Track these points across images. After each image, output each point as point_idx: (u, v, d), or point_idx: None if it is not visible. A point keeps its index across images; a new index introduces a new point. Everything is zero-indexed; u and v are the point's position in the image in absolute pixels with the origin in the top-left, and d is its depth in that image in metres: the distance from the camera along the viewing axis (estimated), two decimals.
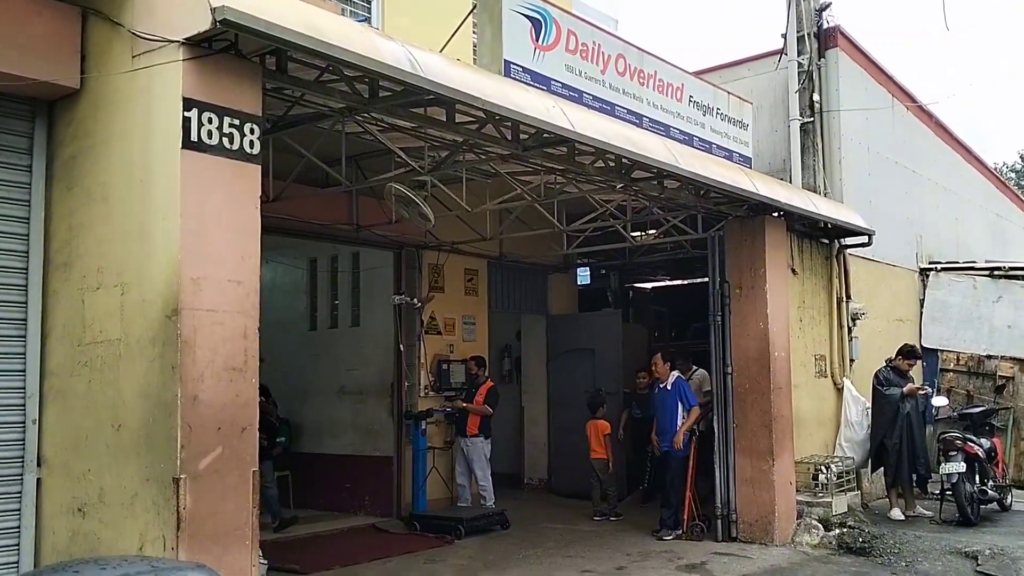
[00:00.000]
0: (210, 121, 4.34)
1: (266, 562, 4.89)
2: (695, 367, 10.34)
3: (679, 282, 16.12)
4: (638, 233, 11.26)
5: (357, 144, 7.92)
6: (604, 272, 15.50)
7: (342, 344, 11.50)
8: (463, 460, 10.71)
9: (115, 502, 4.55)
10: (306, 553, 8.90)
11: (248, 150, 4.50)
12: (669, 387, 9.47)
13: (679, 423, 9.28)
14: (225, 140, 4.40)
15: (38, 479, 5.02)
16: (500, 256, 11.94)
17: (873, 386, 10.07)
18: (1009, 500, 10.23)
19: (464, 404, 10.58)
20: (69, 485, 4.84)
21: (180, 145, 4.25)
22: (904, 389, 9.82)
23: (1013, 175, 34.53)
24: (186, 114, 4.31)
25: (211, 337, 4.35)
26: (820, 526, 8.82)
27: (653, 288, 17.13)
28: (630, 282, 16.51)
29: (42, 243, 5.05)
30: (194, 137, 4.28)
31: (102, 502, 4.62)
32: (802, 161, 10.41)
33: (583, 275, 15.14)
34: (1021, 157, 36.72)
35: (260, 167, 4.59)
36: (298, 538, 9.80)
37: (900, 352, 10.04)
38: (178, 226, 4.24)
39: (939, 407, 11.18)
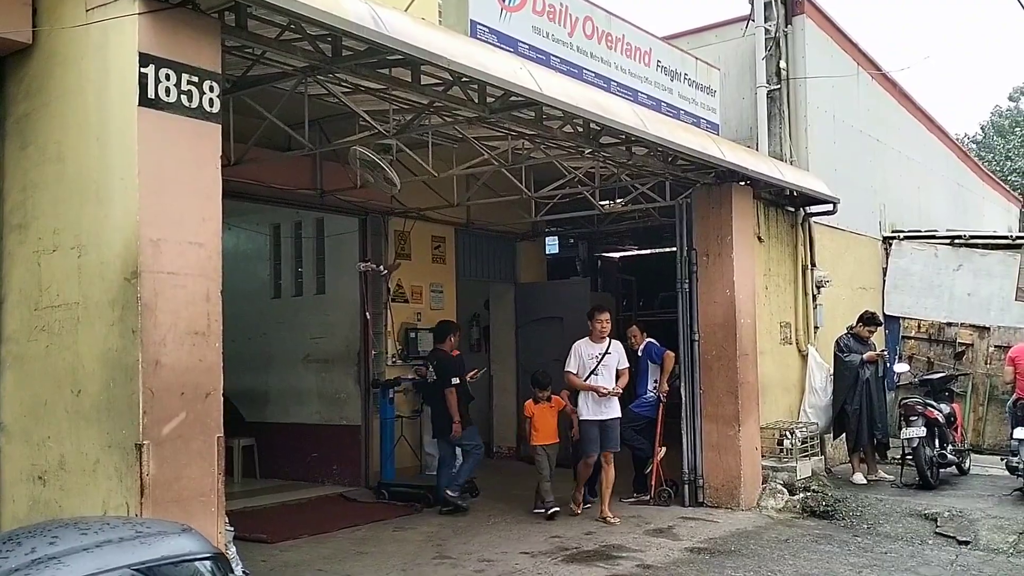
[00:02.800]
0: (167, 78, 4.21)
1: (232, 529, 4.82)
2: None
3: (648, 251, 16.18)
4: (607, 201, 11.23)
5: (321, 107, 7.76)
6: (573, 241, 15.50)
7: (307, 312, 11.37)
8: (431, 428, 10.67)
9: (76, 469, 4.45)
10: (273, 522, 8.83)
11: (207, 108, 4.38)
12: (640, 352, 9.57)
13: (649, 383, 9.40)
14: (183, 98, 4.27)
15: None
16: (468, 223, 11.85)
17: (834, 353, 10.18)
18: (967, 464, 10.44)
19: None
20: (28, 452, 4.73)
21: (136, 102, 4.12)
22: (864, 356, 9.93)
23: (974, 146, 34.96)
24: (142, 70, 4.17)
25: (172, 300, 4.26)
26: (785, 490, 8.94)
27: (622, 257, 17.18)
28: (599, 251, 16.54)
29: None
30: (151, 94, 4.15)
31: (63, 469, 4.53)
32: (769, 129, 10.42)
33: (551, 244, 15.13)
34: (982, 128, 37.16)
35: (220, 127, 4.47)
36: (265, 508, 9.72)
37: (861, 319, 10.15)
38: (136, 186, 4.12)
39: (900, 373, 11.36)
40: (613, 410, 8.51)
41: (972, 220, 17.46)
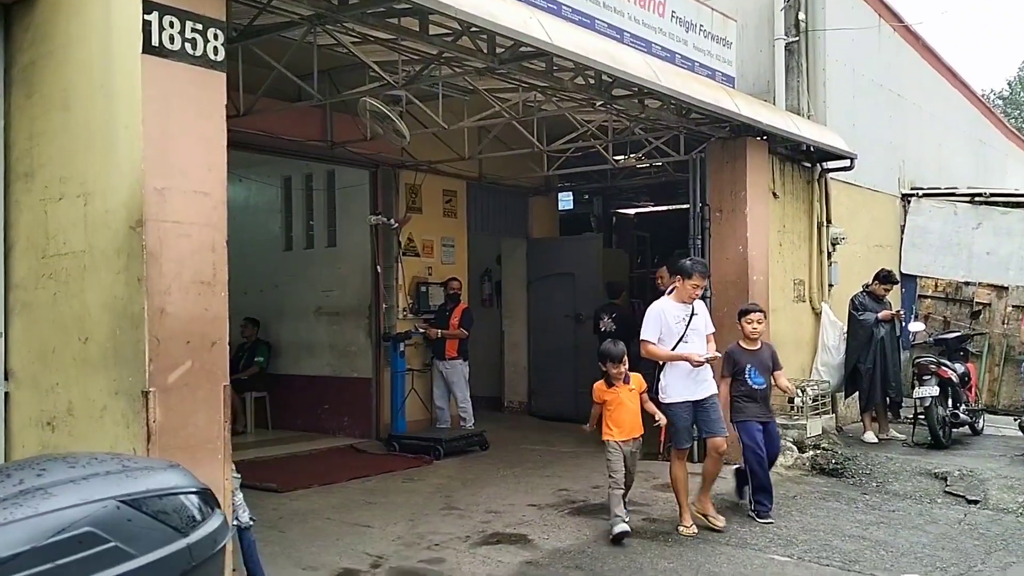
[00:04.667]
0: (172, 25, 4.16)
1: (239, 476, 4.86)
2: None
3: (663, 208, 16.03)
4: (620, 157, 11.10)
5: (330, 57, 7.68)
6: (588, 197, 15.38)
7: (318, 265, 11.40)
8: (441, 382, 10.74)
9: (84, 415, 4.49)
10: (284, 472, 8.93)
11: (212, 57, 4.32)
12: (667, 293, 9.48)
13: None
14: (188, 45, 4.22)
15: (5, 393, 4.95)
16: (479, 177, 11.79)
17: (849, 311, 10.10)
18: (981, 424, 10.39)
19: (440, 333, 10.54)
20: (37, 399, 4.77)
21: (140, 50, 4.08)
22: (879, 314, 9.85)
23: (1000, 102, 34.33)
24: (146, 17, 4.12)
25: (177, 249, 4.25)
26: (794, 448, 8.93)
27: (637, 214, 17.04)
28: (614, 208, 16.41)
29: (2, 152, 4.88)
30: (155, 42, 4.10)
31: (71, 415, 4.57)
32: (786, 82, 10.24)
33: (565, 200, 15.01)
34: (1009, 84, 36.47)
35: (225, 75, 4.42)
36: (276, 458, 9.84)
37: (876, 277, 10.05)
38: (140, 134, 4.09)
39: (915, 332, 11.27)
40: (708, 385, 6.76)
41: (995, 178, 17.18)
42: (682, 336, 6.67)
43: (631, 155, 11.10)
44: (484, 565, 5.81)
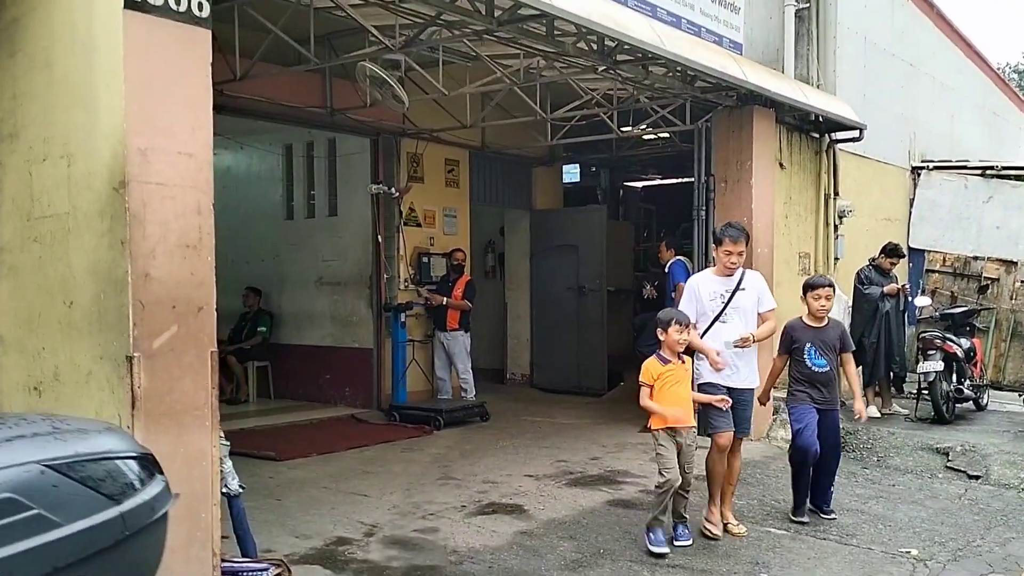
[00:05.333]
0: None
1: (228, 443, 4.79)
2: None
3: (670, 181, 15.87)
4: (628, 128, 10.93)
5: (330, 21, 7.56)
6: (595, 170, 15.23)
7: (319, 234, 11.31)
8: (443, 353, 10.69)
9: (70, 380, 4.42)
10: (284, 441, 8.93)
11: (197, 12, 4.20)
12: (667, 270, 9.50)
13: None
14: (171, 1, 4.09)
15: None
16: (482, 147, 11.64)
17: (854, 284, 9.97)
18: (985, 400, 10.28)
19: (445, 300, 10.48)
20: (24, 363, 4.70)
21: (122, 5, 3.94)
22: (884, 288, 9.73)
23: (1016, 76, 33.83)
24: None
25: (162, 212, 4.14)
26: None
27: (644, 187, 16.89)
28: (622, 181, 16.27)
29: None
30: None
31: (57, 380, 4.49)
32: (796, 50, 10.01)
33: (572, 172, 14.88)
34: None
35: (210, 32, 4.30)
36: (276, 427, 9.84)
37: (883, 251, 9.90)
38: (121, 93, 3.97)
39: (921, 307, 11.14)
40: (748, 373, 5.79)
41: (1009, 152, 16.93)
42: (718, 315, 5.67)
43: (639, 126, 10.92)
44: (478, 535, 5.77)
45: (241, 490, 4.85)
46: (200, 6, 4.20)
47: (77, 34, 4.23)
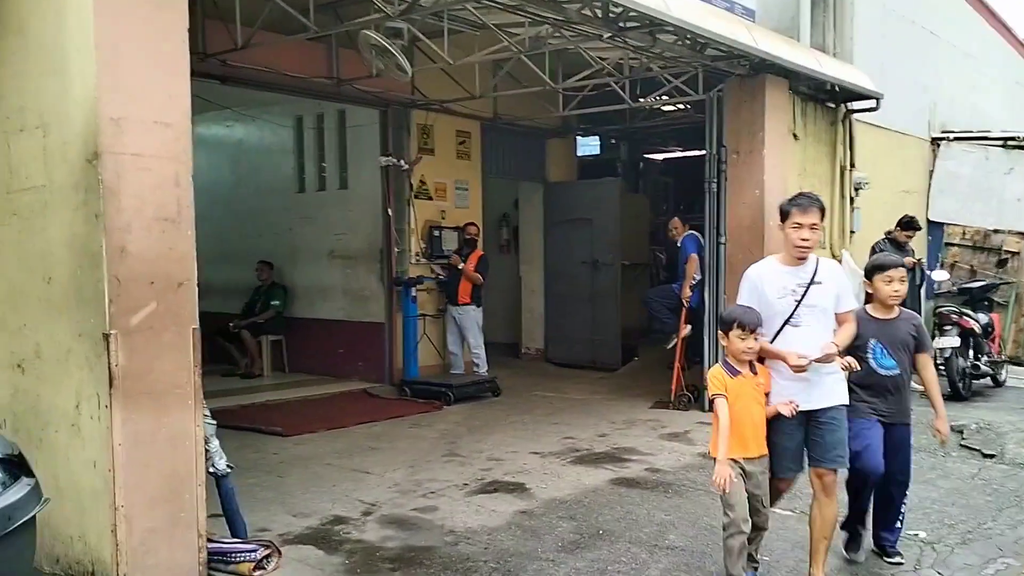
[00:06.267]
0: None
1: (214, 422, 4.70)
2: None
3: (689, 153, 15.59)
4: (648, 99, 10.66)
5: None
6: (614, 142, 14.98)
7: (331, 207, 11.21)
8: (455, 328, 10.60)
9: (51, 358, 4.34)
10: (292, 416, 8.89)
11: None
12: (679, 244, 9.36)
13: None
14: None
15: None
16: (494, 118, 11.43)
17: (869, 258, 9.73)
18: (1003, 376, 10.04)
19: (461, 264, 10.36)
20: (7, 340, 4.62)
21: None
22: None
23: None
24: None
25: (137, 184, 4.02)
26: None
27: (664, 159, 16.61)
28: (641, 153, 16.01)
29: None
30: None
31: (39, 357, 4.42)
32: (812, 18, 9.73)
33: (592, 145, 14.62)
34: None
35: None
36: (287, 401, 9.81)
37: (899, 223, 9.64)
38: (93, 59, 3.84)
39: (939, 281, 10.86)
40: (832, 391, 4.34)
41: None
42: (789, 317, 4.27)
43: (652, 96, 10.66)
44: (477, 514, 5.67)
45: (229, 470, 4.77)
46: None
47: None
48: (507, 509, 5.77)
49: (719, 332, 4.40)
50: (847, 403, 4.42)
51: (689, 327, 9.16)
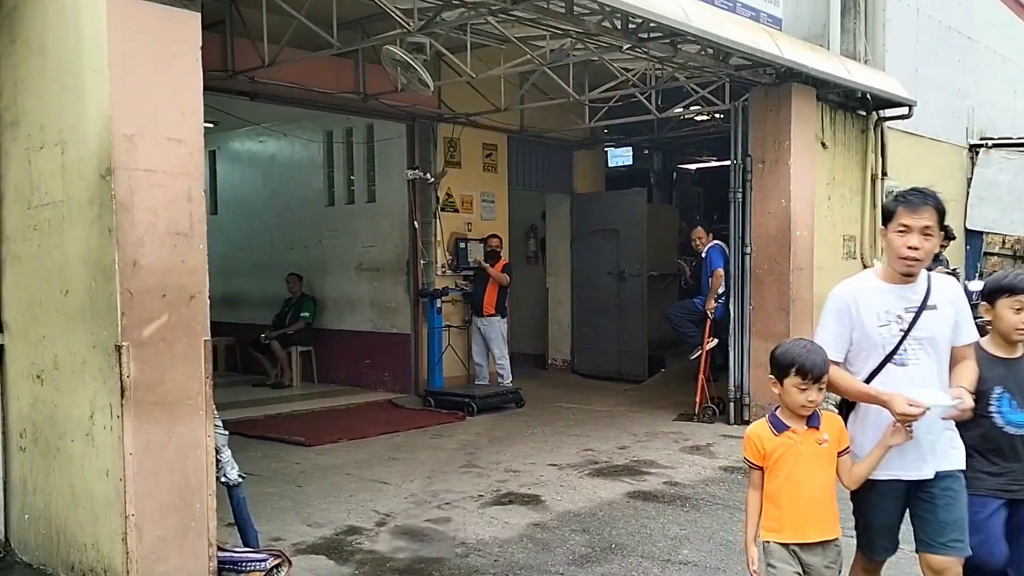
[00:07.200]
0: None
1: (226, 433, 4.75)
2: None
3: (723, 163, 15.46)
4: (678, 109, 10.61)
5: (361, 6, 7.44)
6: (648, 152, 14.92)
7: (359, 220, 11.32)
8: (480, 339, 10.63)
9: (67, 368, 4.43)
10: (317, 426, 8.97)
11: None
12: (704, 256, 9.32)
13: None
14: None
15: (1, 345, 4.92)
16: (521, 130, 11.46)
17: None
18: None
19: (486, 264, 10.42)
20: (28, 351, 4.74)
21: None
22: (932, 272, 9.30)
23: None
24: None
25: (150, 199, 4.10)
26: (835, 411, 8.52)
27: (697, 169, 16.52)
28: (676, 163, 15.93)
29: None
30: None
31: (56, 368, 4.51)
32: (842, 24, 9.62)
33: (624, 155, 14.59)
34: None
35: (199, 15, 4.21)
36: (312, 412, 9.90)
37: None
38: (106, 78, 3.92)
39: (975, 291, 10.63)
40: (947, 453, 3.34)
41: None
42: (893, 351, 3.30)
43: (677, 107, 10.61)
44: (490, 526, 5.66)
45: (241, 479, 4.81)
46: None
47: (66, 18, 4.21)
48: (520, 521, 5.76)
49: (770, 378, 3.26)
50: (962, 468, 3.33)
51: (716, 340, 9.08)
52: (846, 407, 3.47)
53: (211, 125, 11.18)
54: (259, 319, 12.09)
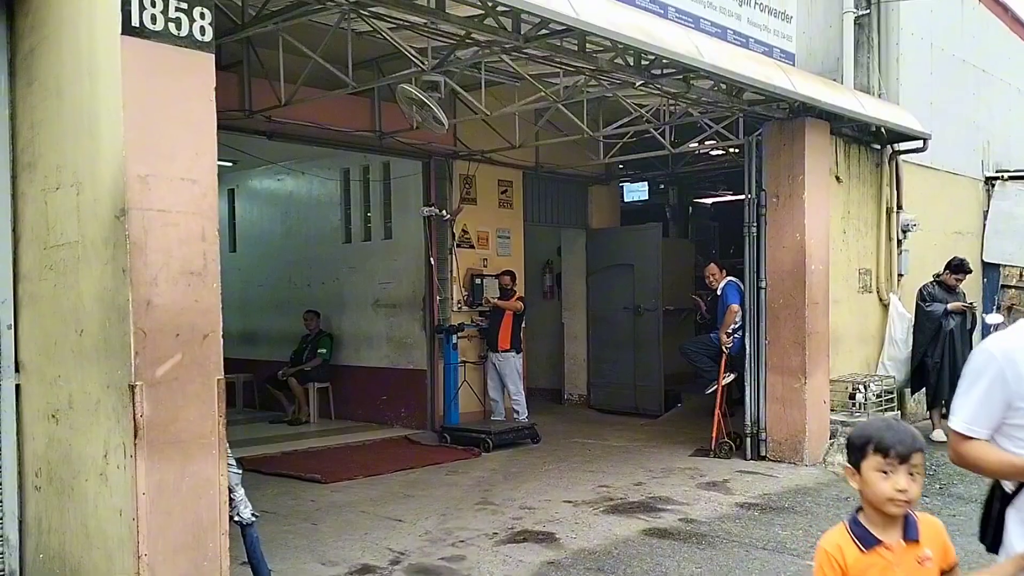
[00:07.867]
0: (154, 4, 4.03)
1: (240, 471, 4.75)
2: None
3: (739, 197, 15.44)
4: (693, 144, 10.62)
5: (376, 46, 7.57)
6: (663, 187, 14.96)
7: (376, 257, 11.39)
8: (495, 375, 10.62)
9: (82, 408, 4.45)
10: (332, 463, 8.95)
11: (199, 37, 4.19)
12: (719, 292, 9.28)
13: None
14: (171, 26, 4.10)
15: (17, 385, 4.95)
16: (536, 166, 11.52)
17: (916, 302, 9.49)
18: None
19: (497, 301, 10.43)
20: (43, 391, 4.76)
21: (120, 31, 3.96)
22: (948, 305, 9.23)
23: None
24: None
25: (164, 239, 4.14)
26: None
27: (713, 203, 16.52)
28: (692, 198, 15.95)
29: (8, 143, 4.86)
30: (135, 22, 3.98)
31: (71, 408, 4.53)
32: (855, 59, 9.64)
33: (640, 190, 14.63)
34: None
35: (213, 56, 4.28)
36: (328, 448, 9.89)
37: (948, 266, 9.40)
38: (121, 120, 3.98)
39: (994, 324, 10.51)
40: None
41: None
42: None
43: (688, 140, 10.64)
44: (504, 564, 5.61)
45: (254, 518, 4.80)
46: (203, 31, 4.20)
47: (81, 61, 4.28)
48: (534, 559, 5.70)
49: (846, 467, 2.50)
50: None
51: (733, 375, 9.02)
52: (1001, 499, 2.70)
53: (229, 164, 11.32)
54: (277, 356, 12.12)
